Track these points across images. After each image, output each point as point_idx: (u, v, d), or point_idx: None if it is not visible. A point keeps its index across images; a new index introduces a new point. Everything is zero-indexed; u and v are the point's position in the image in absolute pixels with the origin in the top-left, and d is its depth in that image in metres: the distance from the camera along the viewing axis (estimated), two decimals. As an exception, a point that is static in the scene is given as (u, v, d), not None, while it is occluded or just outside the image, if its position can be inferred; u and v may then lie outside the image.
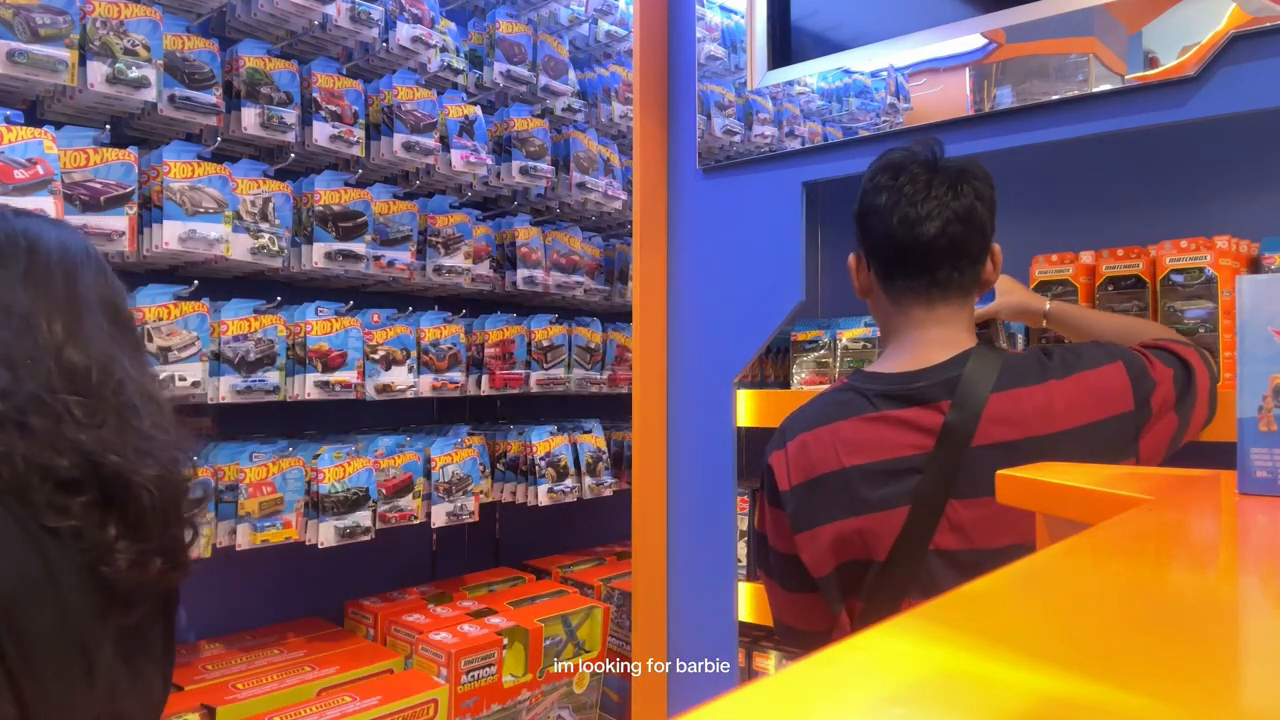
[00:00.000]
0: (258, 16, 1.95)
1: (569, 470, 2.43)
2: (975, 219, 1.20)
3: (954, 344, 1.21)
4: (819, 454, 1.22)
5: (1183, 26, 1.33)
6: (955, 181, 1.20)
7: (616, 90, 2.72)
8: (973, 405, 1.13)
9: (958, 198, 1.20)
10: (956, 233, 1.19)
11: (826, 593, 1.25)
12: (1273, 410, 0.71)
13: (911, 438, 1.16)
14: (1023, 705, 0.30)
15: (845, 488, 1.19)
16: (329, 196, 1.99)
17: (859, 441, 1.19)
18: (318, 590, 2.30)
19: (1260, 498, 0.72)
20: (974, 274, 1.24)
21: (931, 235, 1.19)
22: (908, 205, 1.21)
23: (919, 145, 1.26)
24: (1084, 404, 1.13)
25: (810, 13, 1.84)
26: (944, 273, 1.21)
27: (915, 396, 1.17)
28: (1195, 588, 0.52)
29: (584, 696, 2.27)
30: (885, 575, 1.17)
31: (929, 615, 0.41)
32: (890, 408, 1.18)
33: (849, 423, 1.21)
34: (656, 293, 1.99)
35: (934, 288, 1.22)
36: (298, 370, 1.95)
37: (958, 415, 1.13)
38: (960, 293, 1.23)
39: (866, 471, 1.18)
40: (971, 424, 1.12)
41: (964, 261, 1.22)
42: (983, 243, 1.23)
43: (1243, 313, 0.72)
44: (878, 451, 1.18)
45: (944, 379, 1.16)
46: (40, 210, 1.53)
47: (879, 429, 1.18)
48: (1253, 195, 1.55)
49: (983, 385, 1.14)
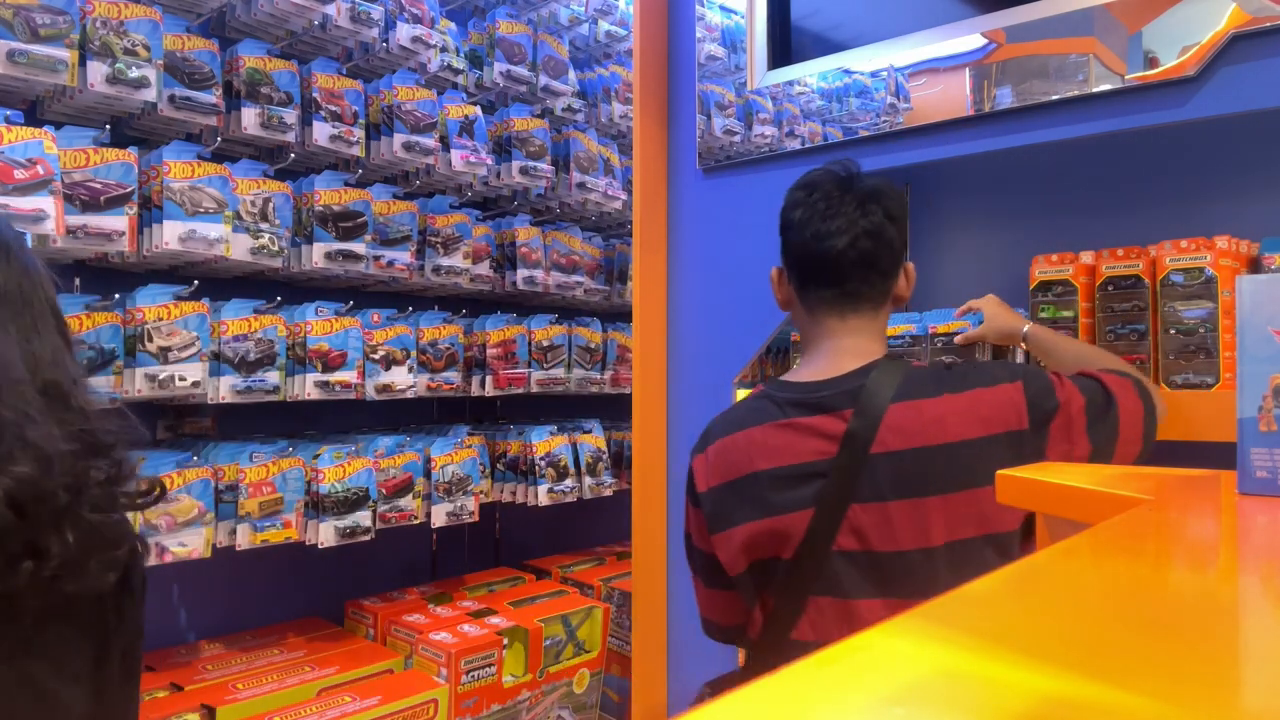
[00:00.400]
0: (258, 16, 1.95)
1: (569, 470, 2.43)
2: (884, 235, 1.27)
3: (863, 354, 1.27)
4: (734, 458, 1.28)
5: (1183, 26, 1.33)
6: (864, 200, 1.27)
7: (616, 90, 2.73)
8: (873, 414, 1.19)
9: (866, 215, 1.26)
10: (866, 247, 1.26)
11: (742, 590, 1.31)
12: (1273, 410, 0.71)
13: (817, 444, 1.22)
14: (1023, 705, 0.30)
15: (756, 490, 1.25)
16: (329, 196, 1.99)
17: (769, 447, 1.25)
18: (318, 590, 2.30)
19: (1260, 498, 0.72)
20: (884, 287, 1.30)
21: (840, 248, 1.27)
22: (819, 220, 1.28)
23: (836, 165, 1.33)
24: (975, 418, 1.18)
25: (810, 13, 1.84)
26: (853, 285, 1.28)
27: (821, 404, 1.24)
28: (1195, 588, 0.52)
29: (584, 696, 2.27)
30: (792, 573, 1.23)
31: (929, 615, 0.41)
32: (799, 415, 1.25)
33: (761, 429, 1.27)
34: (656, 293, 1.99)
35: (844, 299, 1.29)
36: (298, 370, 1.95)
37: (859, 423, 1.19)
38: (870, 305, 1.30)
39: (775, 475, 1.24)
40: (871, 432, 1.18)
41: (873, 275, 1.28)
42: (892, 258, 1.29)
43: (1243, 313, 0.72)
44: (786, 456, 1.24)
45: (849, 388, 1.23)
46: (40, 210, 1.54)
47: (787, 435, 1.25)
48: (1253, 195, 1.55)
49: (883, 395, 1.20)
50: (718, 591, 1.37)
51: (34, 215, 1.53)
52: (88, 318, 1.66)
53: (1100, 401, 1.20)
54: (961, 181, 1.85)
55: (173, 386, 1.73)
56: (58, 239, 1.57)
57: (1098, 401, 1.20)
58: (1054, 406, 1.18)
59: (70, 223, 1.60)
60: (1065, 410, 1.18)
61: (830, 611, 1.22)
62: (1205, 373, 1.36)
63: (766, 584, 1.28)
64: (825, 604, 1.22)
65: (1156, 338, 1.41)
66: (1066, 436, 1.18)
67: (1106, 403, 1.20)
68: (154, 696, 1.71)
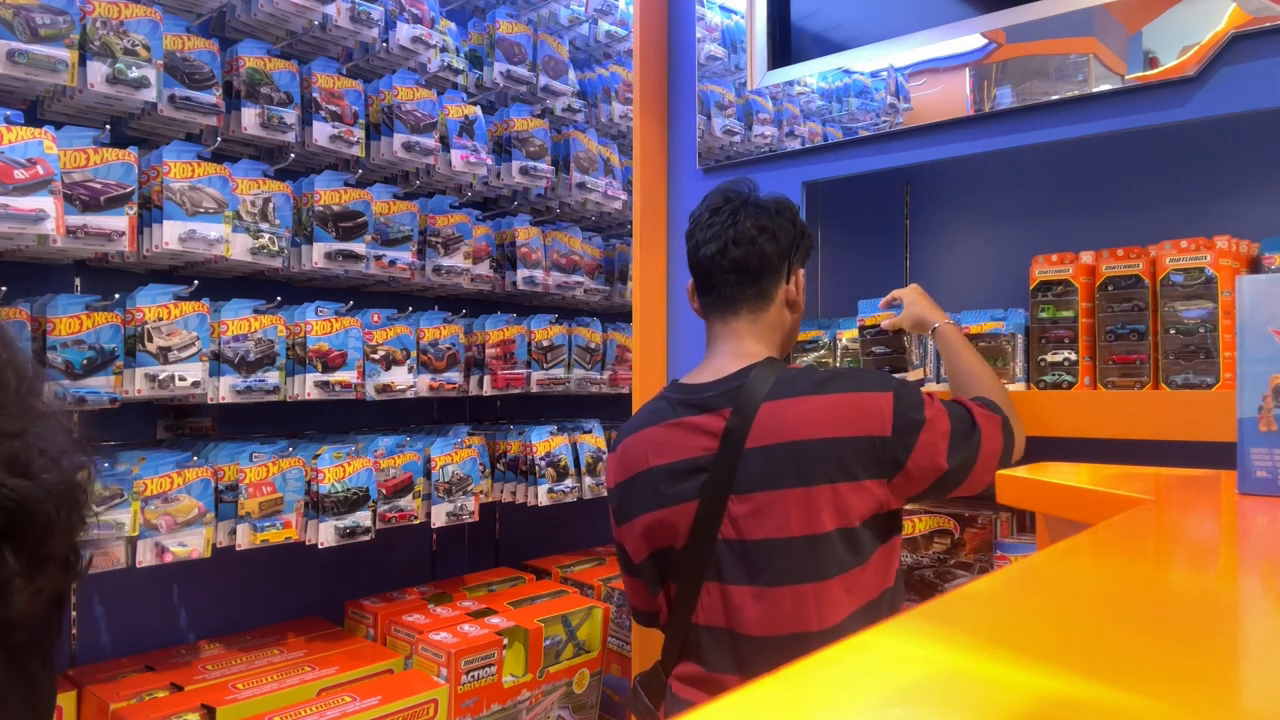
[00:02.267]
0: (258, 16, 1.95)
1: (569, 470, 2.43)
2: (755, 244, 1.38)
3: (746, 356, 1.38)
4: (634, 455, 1.40)
5: (1183, 26, 1.33)
6: (737, 210, 1.40)
7: (616, 90, 2.72)
8: (747, 412, 1.29)
9: (735, 225, 1.38)
10: (736, 255, 1.38)
11: (645, 577, 1.42)
12: (1273, 410, 0.71)
13: (701, 441, 1.33)
14: (1023, 705, 0.30)
15: (650, 485, 1.37)
16: (329, 196, 1.99)
17: (662, 444, 1.37)
18: (318, 590, 2.30)
19: (1260, 498, 0.72)
20: (758, 291, 1.40)
21: (710, 254, 1.40)
22: (699, 230, 1.43)
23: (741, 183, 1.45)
24: (840, 419, 1.27)
25: (810, 13, 1.84)
26: (728, 289, 1.40)
27: (705, 404, 1.35)
28: (1195, 588, 0.52)
29: (584, 696, 2.27)
30: (685, 560, 1.34)
31: (929, 615, 0.41)
32: (686, 414, 1.36)
33: (657, 428, 1.39)
34: (656, 293, 1.99)
35: (723, 303, 1.42)
36: (298, 370, 1.95)
37: (735, 420, 1.30)
38: (749, 308, 1.41)
39: (666, 470, 1.35)
40: (745, 428, 1.29)
41: (745, 280, 1.39)
42: (762, 264, 1.39)
43: (1243, 313, 0.72)
44: (675, 453, 1.35)
45: (729, 389, 1.33)
46: (40, 210, 1.54)
47: (676, 433, 1.36)
48: (1253, 195, 1.55)
49: (758, 395, 1.30)
50: (631, 579, 1.47)
51: (34, 215, 1.52)
52: (88, 318, 1.66)
53: (964, 429, 1.30)
54: (961, 181, 1.85)
55: (173, 386, 1.73)
56: (58, 239, 1.56)
57: (962, 429, 1.29)
58: (920, 421, 1.27)
59: (70, 223, 1.60)
60: (931, 427, 1.27)
61: (716, 595, 1.32)
62: (1205, 373, 1.36)
63: (667, 572, 1.39)
64: (713, 588, 1.32)
65: (1156, 338, 1.41)
66: (928, 454, 1.27)
67: (970, 432, 1.30)
68: (154, 696, 1.71)
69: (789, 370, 1.34)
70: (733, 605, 1.30)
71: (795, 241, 1.43)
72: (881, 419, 1.27)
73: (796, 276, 1.45)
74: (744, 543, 1.29)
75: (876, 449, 1.26)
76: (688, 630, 1.36)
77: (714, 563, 1.31)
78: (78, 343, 1.64)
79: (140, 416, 2.02)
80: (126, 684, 1.75)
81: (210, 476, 1.79)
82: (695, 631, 1.35)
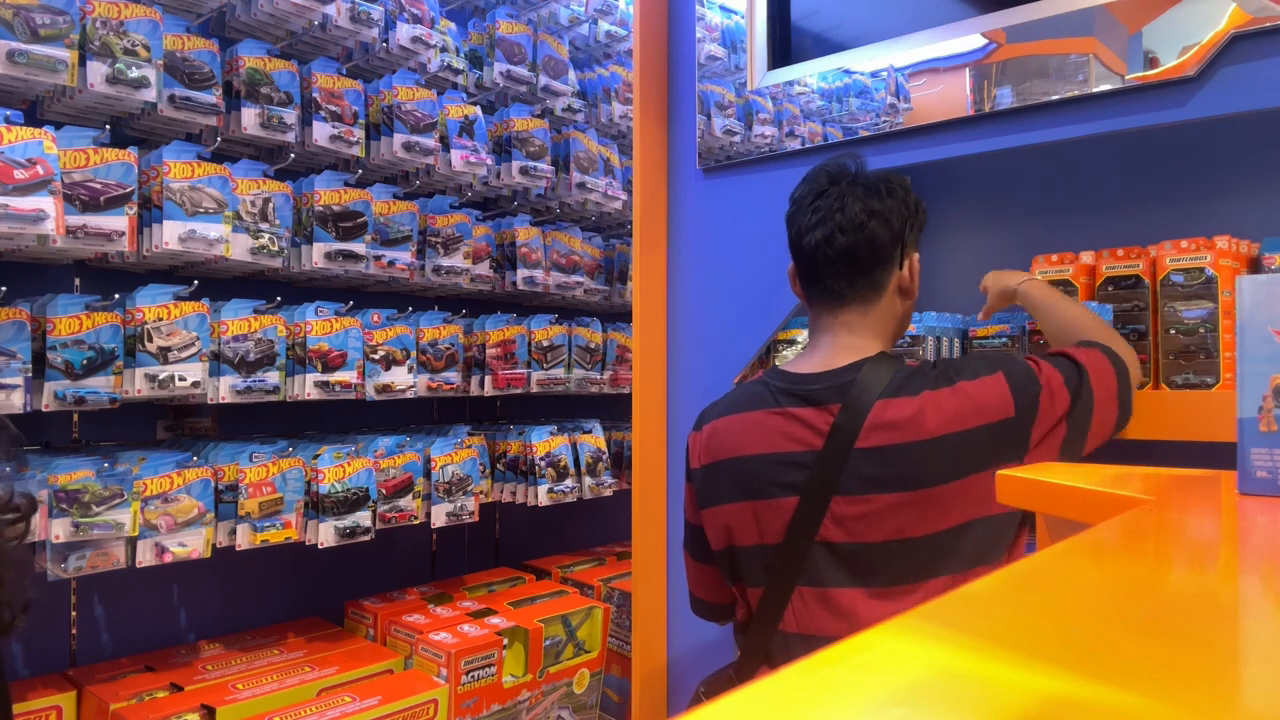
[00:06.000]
0: (258, 16, 1.95)
1: (569, 470, 2.43)
2: (865, 230, 1.25)
3: (855, 350, 1.28)
4: (726, 439, 1.32)
5: (1183, 26, 1.33)
6: (845, 193, 1.27)
7: (616, 90, 2.72)
8: (859, 410, 1.21)
9: (843, 209, 1.26)
10: (843, 244, 1.26)
11: (722, 567, 1.36)
12: (1273, 410, 0.71)
13: (804, 435, 1.25)
14: (1023, 705, 0.30)
15: (743, 473, 1.28)
16: (329, 196, 1.99)
17: (760, 433, 1.28)
18: (318, 590, 2.30)
19: (1260, 498, 0.72)
20: (868, 282, 1.28)
21: (816, 243, 1.28)
22: (801, 215, 1.30)
23: (842, 157, 1.33)
24: (957, 414, 1.19)
25: (810, 13, 1.84)
26: (835, 281, 1.29)
27: (811, 397, 1.26)
28: (1195, 588, 0.52)
29: (584, 697, 2.27)
30: (778, 561, 1.26)
31: (929, 615, 0.41)
32: (791, 405, 1.27)
33: (755, 414, 1.30)
34: (656, 293, 1.99)
35: (829, 295, 1.30)
36: (298, 370, 1.95)
37: (845, 418, 1.21)
38: (858, 300, 1.29)
39: (762, 461, 1.27)
40: (856, 427, 1.20)
41: (854, 270, 1.27)
42: (873, 252, 1.27)
43: (1243, 313, 0.72)
44: (774, 444, 1.26)
45: (839, 383, 1.24)
46: (40, 210, 1.54)
47: (778, 423, 1.27)
48: (1253, 195, 1.54)
49: (871, 392, 1.21)
50: (704, 566, 1.42)
51: (34, 215, 1.53)
52: (87, 318, 1.66)
53: (1074, 380, 1.22)
54: (961, 181, 1.85)
55: (173, 386, 1.73)
56: (57, 239, 1.56)
57: (1072, 377, 1.22)
58: (1036, 391, 1.21)
59: (70, 223, 1.60)
60: (1048, 389, 1.21)
61: (812, 600, 1.24)
62: (1205, 373, 1.36)
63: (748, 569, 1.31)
64: (808, 593, 1.24)
65: (1156, 338, 1.41)
66: (1051, 411, 1.20)
67: (1079, 376, 1.23)
68: (154, 696, 1.71)
69: (904, 367, 1.25)
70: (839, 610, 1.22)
71: (908, 222, 1.29)
72: (1002, 401, 1.19)
73: (911, 261, 1.32)
74: (853, 545, 1.21)
75: (1001, 433, 1.19)
76: (772, 637, 1.28)
77: (810, 566, 1.23)
78: (78, 343, 1.64)
79: (140, 417, 2.02)
80: (126, 684, 1.75)
81: (210, 476, 1.79)
82: (783, 639, 1.27)
